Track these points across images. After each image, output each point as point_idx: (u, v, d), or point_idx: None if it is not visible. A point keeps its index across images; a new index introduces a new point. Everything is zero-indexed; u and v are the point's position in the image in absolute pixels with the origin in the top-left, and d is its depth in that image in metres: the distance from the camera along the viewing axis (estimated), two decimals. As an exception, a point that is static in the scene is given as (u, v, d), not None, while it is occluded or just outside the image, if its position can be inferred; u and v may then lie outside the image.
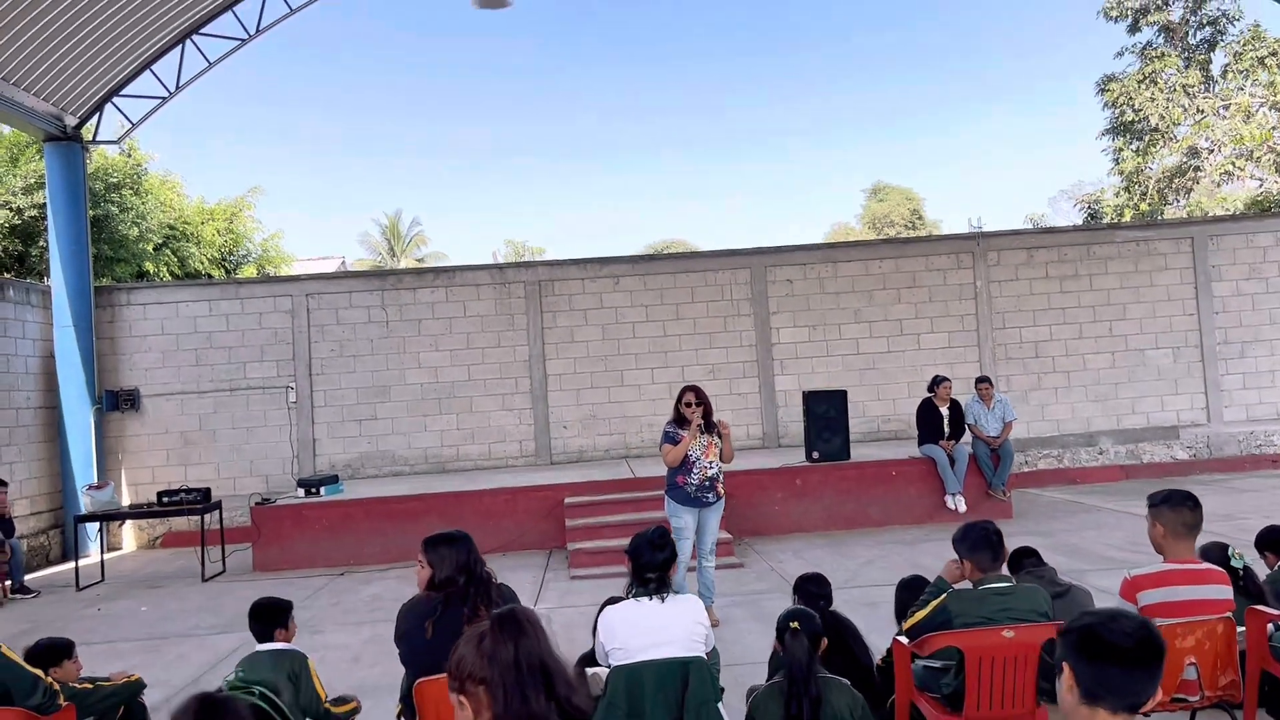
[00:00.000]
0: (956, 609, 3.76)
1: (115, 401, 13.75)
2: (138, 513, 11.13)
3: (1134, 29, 23.43)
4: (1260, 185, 19.57)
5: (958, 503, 11.35)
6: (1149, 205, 21.85)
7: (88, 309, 13.45)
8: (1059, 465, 14.47)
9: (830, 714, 3.58)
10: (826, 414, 11.71)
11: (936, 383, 11.59)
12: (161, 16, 13.04)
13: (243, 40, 13.93)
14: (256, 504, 11.37)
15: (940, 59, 66.73)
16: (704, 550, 7.52)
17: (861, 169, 71.24)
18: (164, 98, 13.98)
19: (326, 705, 4.81)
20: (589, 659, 4.73)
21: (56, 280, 13.28)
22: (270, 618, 4.86)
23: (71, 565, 11.46)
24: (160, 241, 18.04)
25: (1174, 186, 21.78)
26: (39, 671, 3.78)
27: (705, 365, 14.37)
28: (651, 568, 3.93)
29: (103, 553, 11.67)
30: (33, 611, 9.61)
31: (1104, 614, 2.06)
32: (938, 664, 3.98)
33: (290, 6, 13.82)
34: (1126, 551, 9.32)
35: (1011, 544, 10.27)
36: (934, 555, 9.64)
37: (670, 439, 7.38)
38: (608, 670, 4.31)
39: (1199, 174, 21.54)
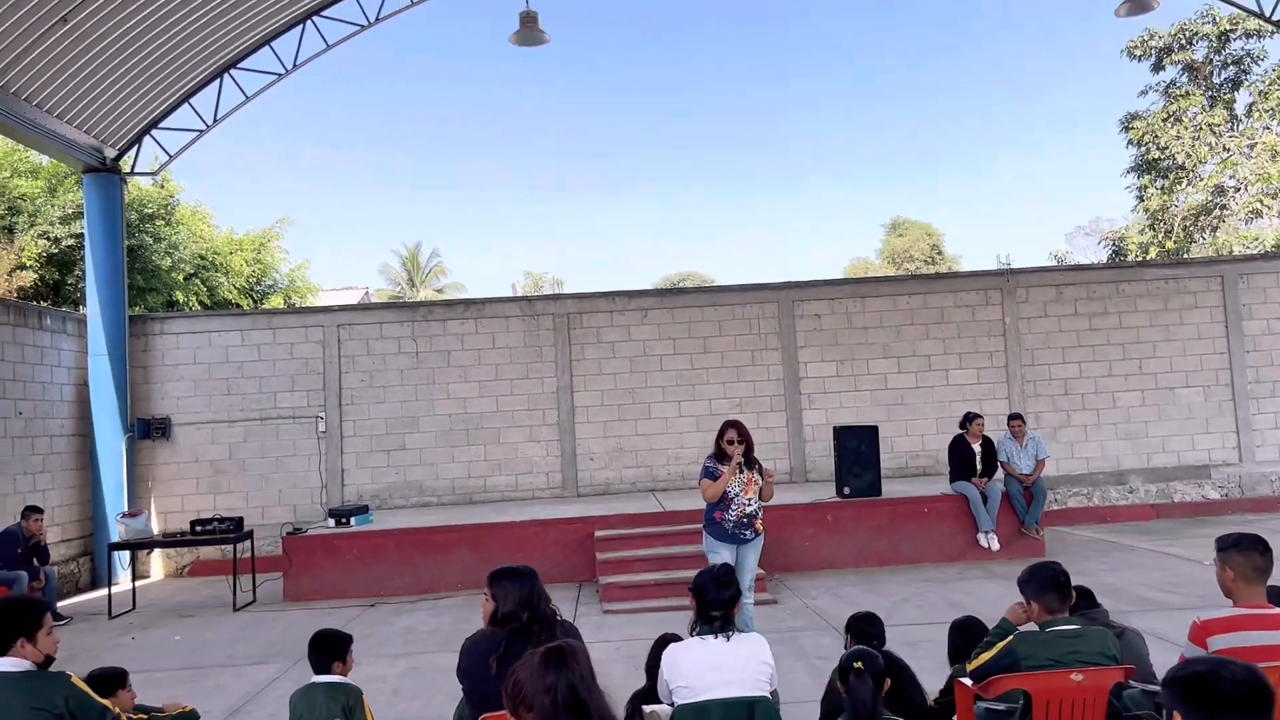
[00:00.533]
0: (1024, 651, 3.74)
1: (147, 430, 13.85)
2: (171, 541, 11.19)
3: (1157, 67, 23.51)
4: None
5: (990, 541, 11.28)
6: (1175, 243, 21.81)
7: (122, 338, 13.58)
8: (1089, 503, 14.37)
9: (896, 755, 3.56)
10: (858, 449, 11.68)
11: (969, 420, 11.55)
12: (202, 51, 13.26)
13: (279, 75, 14.14)
14: (288, 534, 11.40)
15: (958, 95, 67.04)
16: (742, 587, 7.49)
17: (878, 204, 71.39)
18: (201, 130, 14.18)
19: (378, 739, 4.80)
20: (644, 696, 4.73)
21: (92, 309, 13.43)
22: (329, 649, 4.87)
23: (101, 593, 11.52)
24: (191, 271, 18.23)
25: (1200, 224, 21.75)
26: (107, 703, 3.79)
27: (732, 399, 14.37)
28: (717, 605, 3.93)
29: (134, 581, 11.70)
30: (66, 639, 9.59)
31: (1211, 661, 2.05)
32: (1001, 706, 3.95)
33: (327, 42, 14.02)
34: (1165, 592, 9.24)
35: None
36: (969, 593, 9.59)
37: (710, 474, 7.38)
38: (670, 708, 4.31)
39: (1225, 212, 21.51)
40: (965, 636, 4.99)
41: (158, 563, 13.92)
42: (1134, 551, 11.56)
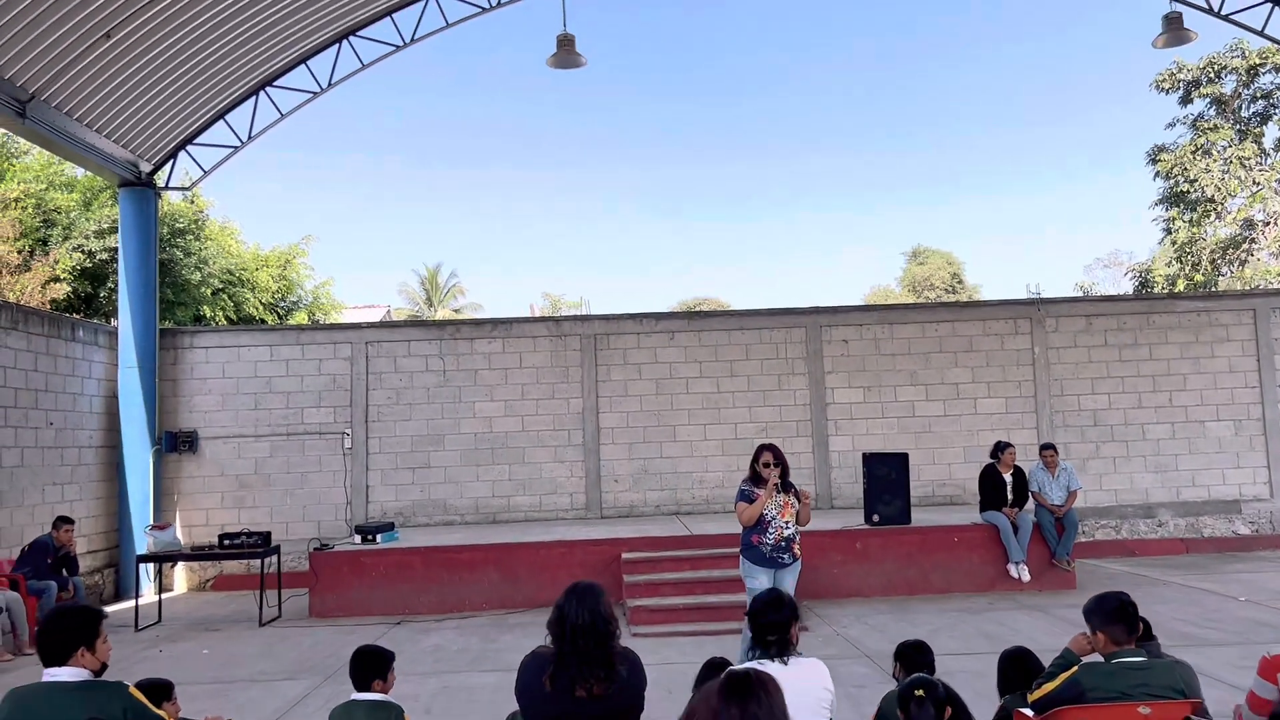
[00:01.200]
0: (1089, 683, 3.68)
1: (174, 443, 13.90)
2: (199, 554, 11.18)
3: (1185, 100, 23.49)
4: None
5: (1021, 572, 11.17)
6: (1203, 276, 21.71)
7: (152, 350, 13.66)
8: (1116, 536, 14.23)
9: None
10: (887, 476, 11.61)
11: (1001, 449, 11.46)
12: (240, 69, 13.40)
13: (314, 94, 14.26)
14: (315, 549, 11.39)
15: (979, 123, 67.08)
16: None
17: (897, 232, 71.37)
18: (235, 147, 14.30)
19: (420, 760, 4.75)
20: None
21: (124, 322, 13.52)
22: (372, 666, 4.85)
23: (127, 605, 11.53)
24: (219, 287, 18.35)
25: (1227, 258, 21.65)
26: (163, 713, 3.77)
27: (758, 423, 14.32)
28: (772, 628, 3.88)
29: (158, 594, 11.70)
30: None
31: None
32: (1062, 738, 3.88)
33: (362, 62, 14.14)
34: (1203, 628, 9.11)
35: (1076, 616, 10.08)
36: (1001, 624, 9.48)
37: (745, 497, 7.34)
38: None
39: (1253, 246, 21.41)
40: (1017, 667, 4.92)
41: (181, 576, 13.92)
42: (1166, 586, 11.42)
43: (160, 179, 14.25)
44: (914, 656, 4.98)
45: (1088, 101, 67.24)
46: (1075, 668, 3.77)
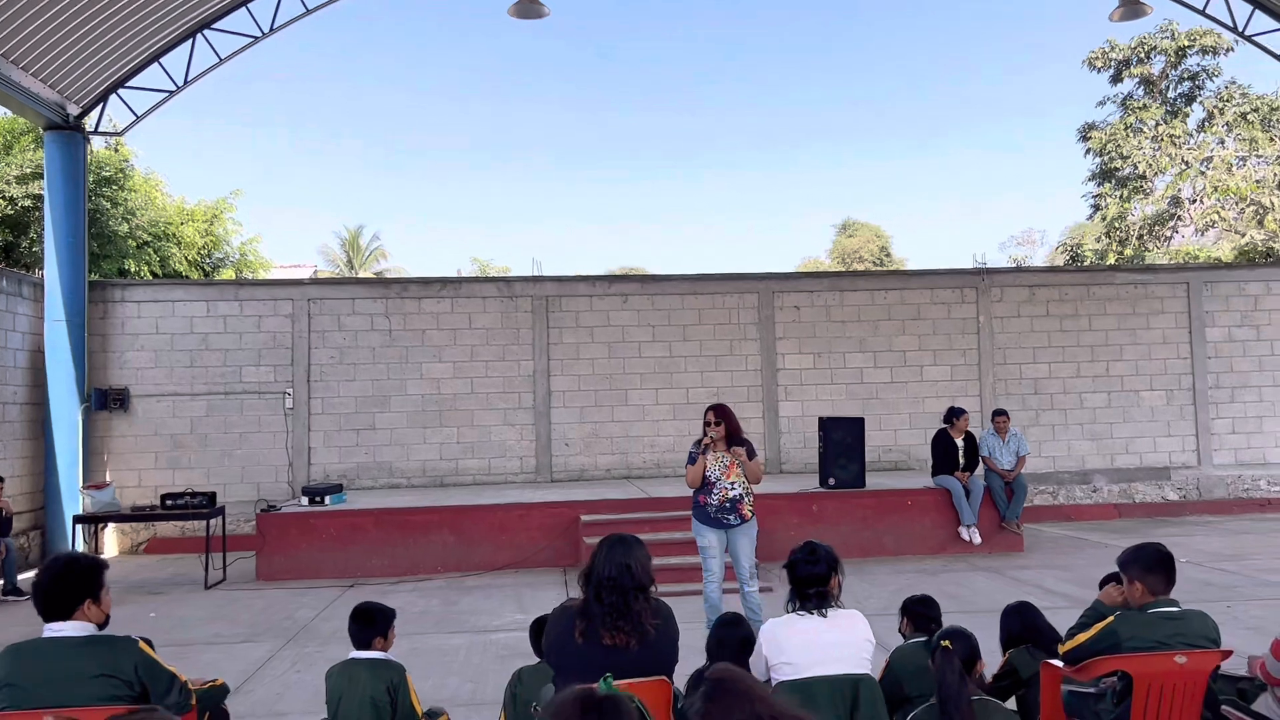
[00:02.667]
0: (1127, 632, 3.69)
1: (104, 400, 13.31)
2: (141, 515, 10.73)
3: (1116, 79, 24.05)
4: (1243, 237, 20.15)
5: (972, 534, 11.38)
6: (1131, 251, 22.35)
7: (81, 304, 13.00)
8: (1054, 502, 14.61)
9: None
10: (843, 441, 11.69)
11: (955, 415, 11.63)
12: (176, 8, 12.73)
13: (255, 38, 13.64)
14: (262, 511, 11.02)
15: (897, 101, 68.00)
16: (743, 575, 7.41)
17: (822, 204, 72.10)
18: (170, 91, 13.64)
19: (423, 721, 4.59)
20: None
21: (50, 273, 12.83)
22: (372, 623, 4.63)
23: (60, 568, 10.99)
24: (147, 239, 17.57)
25: (1154, 234, 22.32)
26: (174, 669, 3.55)
27: (710, 388, 14.28)
28: (810, 581, 3.83)
29: (99, 553, 11.19)
30: (31, 614, 9.16)
31: None
32: (1090, 689, 3.91)
33: (306, 6, 13.58)
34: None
35: (1029, 576, 10.31)
36: (960, 585, 9.64)
37: (691, 459, 7.28)
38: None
39: (1179, 222, 22.11)
40: (1021, 622, 4.96)
41: (112, 539, 13.37)
42: (1109, 549, 11.72)
43: (89, 123, 13.53)
44: (922, 611, 4.98)
45: (1015, 78, 68.62)
46: (1112, 618, 3.78)
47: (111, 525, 13.01)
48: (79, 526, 11.04)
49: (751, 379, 14.43)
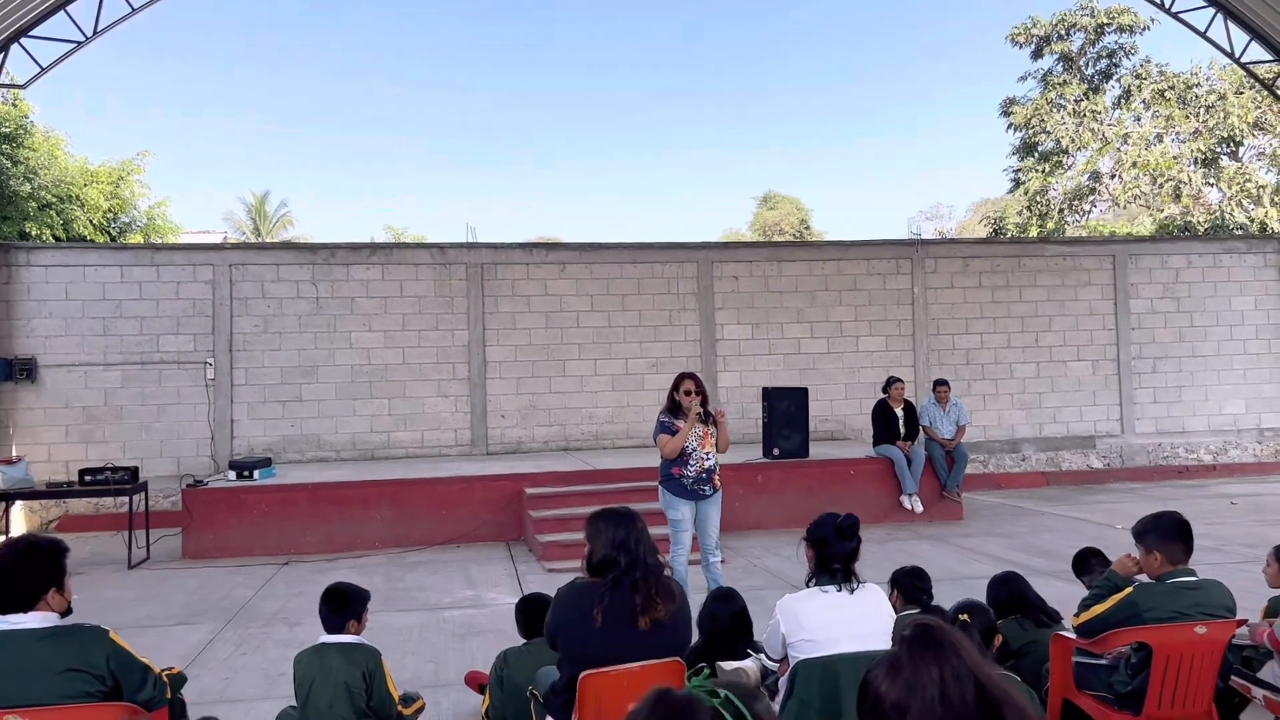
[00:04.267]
0: (1146, 603, 3.63)
1: (9, 371, 12.52)
2: (57, 492, 10.09)
3: (1037, 55, 24.46)
4: (1161, 212, 20.74)
5: (914, 503, 11.46)
6: (1053, 224, 22.83)
7: (-17, 267, 12.19)
8: (984, 470, 14.84)
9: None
10: (787, 410, 11.64)
11: (890, 384, 11.67)
12: (85, -48, 11.93)
13: (171, -13, 12.88)
14: (188, 485, 10.50)
15: (818, 74, 68.48)
16: (708, 546, 7.28)
17: (746, 177, 72.36)
18: (79, 42, 12.78)
19: (400, 707, 4.35)
20: (704, 652, 4.43)
21: (-53, 234, 11.98)
22: (345, 606, 4.36)
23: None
24: (50, 200, 16.57)
25: (1073, 208, 22.84)
26: (147, 660, 3.23)
27: (649, 359, 14.12)
28: (838, 557, 3.67)
29: (7, 533, 10.52)
30: None
31: None
32: (1104, 660, 3.85)
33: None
34: (1096, 554, 9.52)
35: (974, 544, 10.39)
36: (907, 553, 9.67)
37: (666, 429, 7.07)
38: (755, 664, 4.04)
39: (1097, 197, 22.65)
40: (1010, 592, 4.92)
41: (19, 517, 12.61)
42: (1044, 516, 11.98)
43: (-12, 74, 12.63)
44: (912, 583, 4.89)
45: (933, 50, 69.62)
46: (1130, 589, 3.71)
47: (19, 503, 12.25)
48: (-12, 505, 10.36)
49: (690, 349, 14.29)
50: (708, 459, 7.12)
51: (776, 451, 11.56)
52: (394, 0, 69.94)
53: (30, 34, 12.67)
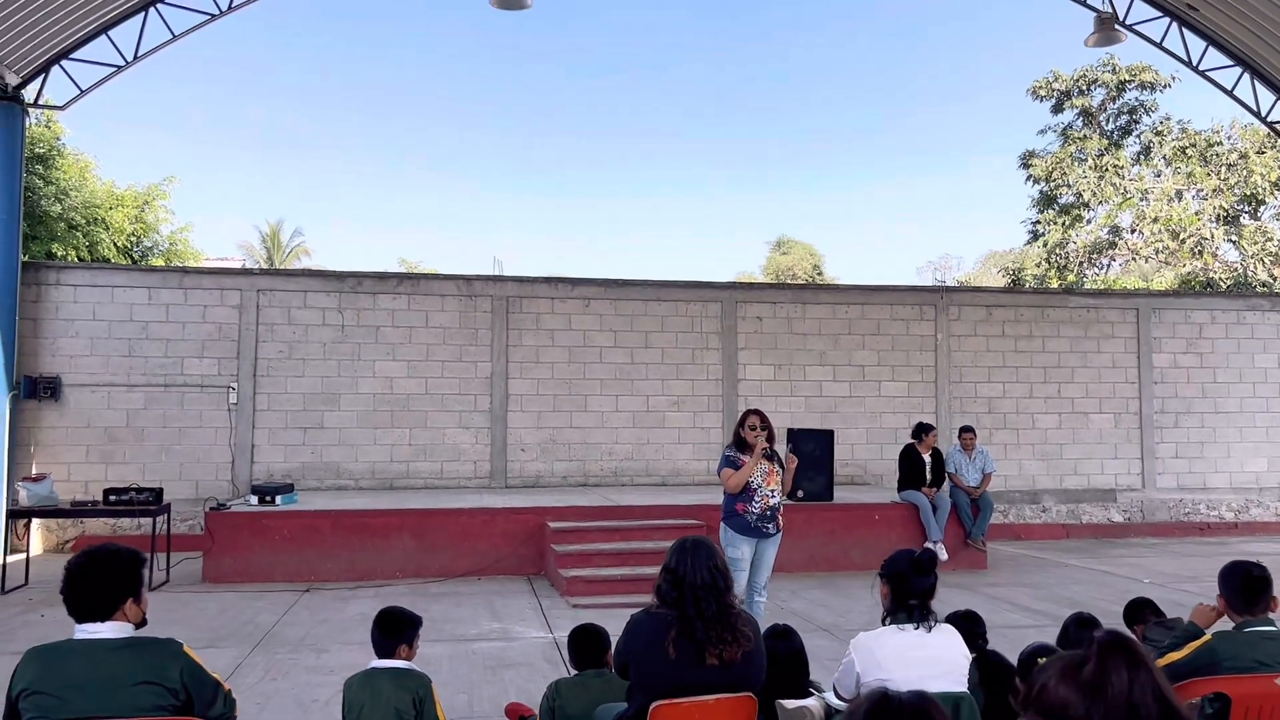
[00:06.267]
0: (1226, 652, 3.57)
1: (33, 389, 12.52)
2: (82, 511, 10.06)
3: (1058, 109, 24.66)
4: (1185, 267, 20.80)
5: (939, 550, 11.34)
6: (1073, 277, 22.87)
7: (13, 285, 12.24)
8: (1004, 520, 14.70)
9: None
10: (813, 453, 11.57)
11: (924, 430, 11.61)
12: (131, -22, 12.11)
13: (212, 15, 13.04)
14: (211, 509, 10.44)
15: (839, 113, 69.08)
16: (758, 584, 7.24)
17: (754, 224, 72.72)
18: (119, 66, 12.93)
19: (449, 734, 4.26)
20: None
21: (-20, 250, 12.03)
22: (400, 630, 4.29)
23: (-13, 566, 10.27)
24: (80, 222, 16.70)
25: (1093, 262, 22.89)
26: (218, 675, 3.18)
27: (670, 396, 14.10)
28: (915, 594, 3.62)
29: (28, 553, 10.48)
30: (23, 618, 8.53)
31: None
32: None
33: (268, -14, 13.04)
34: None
35: (1003, 593, 10.27)
36: (938, 602, 9.53)
37: (731, 463, 7.05)
38: (819, 703, 3.97)
39: (1115, 251, 22.71)
40: (1090, 636, 4.82)
41: (37, 536, 12.55)
42: (1068, 568, 11.86)
43: (28, 94, 12.75)
44: (969, 627, 4.82)
45: (943, 104, 70.23)
46: (1209, 636, 3.65)
47: (37, 521, 12.20)
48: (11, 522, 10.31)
49: (712, 388, 14.27)
50: (772, 496, 7.09)
51: (800, 494, 11.45)
52: (415, 33, 70.84)
53: (71, 56, 12.84)
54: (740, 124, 69.16)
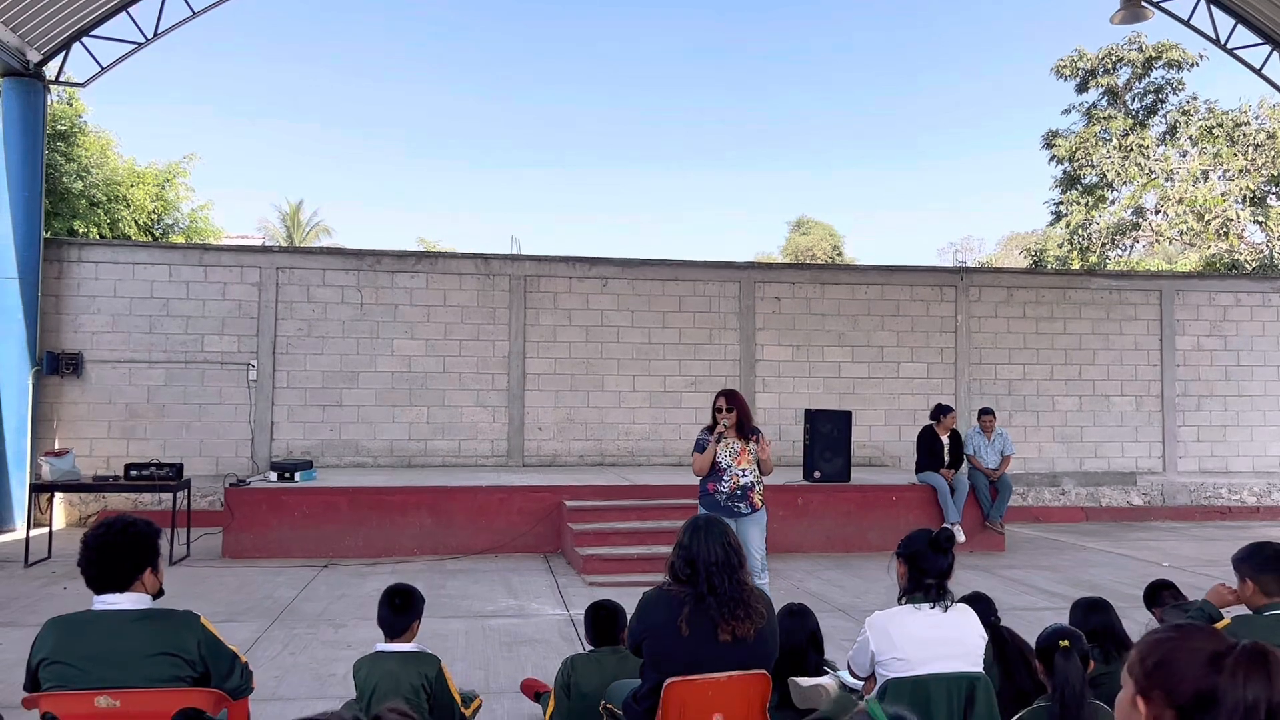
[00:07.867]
0: (1245, 635, 3.51)
1: (56, 364, 12.62)
2: (103, 485, 10.13)
3: (1082, 88, 24.34)
4: (1210, 249, 20.55)
5: (957, 533, 11.29)
6: (1096, 258, 22.65)
7: (36, 261, 12.33)
8: (1023, 503, 14.64)
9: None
10: (830, 434, 11.55)
11: (943, 412, 11.55)
12: (151, -45, 12.11)
13: (231, -8, 13.04)
14: (231, 485, 10.52)
15: (852, 101, 68.58)
16: (754, 567, 7.17)
17: (776, 201, 72.40)
18: (139, 43, 12.97)
19: (462, 710, 4.29)
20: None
21: (3, 228, 12.11)
22: (410, 607, 4.31)
23: (9, 537, 10.41)
24: (102, 199, 16.78)
25: (1115, 244, 22.65)
26: (236, 649, 3.20)
27: (688, 376, 14.07)
28: (932, 573, 3.60)
29: (50, 527, 10.58)
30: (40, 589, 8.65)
31: None
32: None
33: (287, -38, 13.00)
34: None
35: (1020, 576, 10.23)
36: (954, 583, 9.51)
37: (699, 446, 7.06)
38: (834, 680, 3.96)
39: (1139, 232, 22.47)
40: (1102, 619, 4.80)
41: (59, 510, 12.68)
42: (1087, 551, 11.80)
43: (49, 71, 12.80)
44: (978, 609, 4.79)
45: (964, 83, 69.55)
46: (1227, 619, 3.62)
47: (59, 496, 12.32)
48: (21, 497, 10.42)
49: (730, 369, 14.23)
50: (743, 475, 7.03)
51: (817, 475, 11.46)
52: (439, 11, 70.65)
53: (92, 33, 12.87)
54: (760, 104, 68.72)
